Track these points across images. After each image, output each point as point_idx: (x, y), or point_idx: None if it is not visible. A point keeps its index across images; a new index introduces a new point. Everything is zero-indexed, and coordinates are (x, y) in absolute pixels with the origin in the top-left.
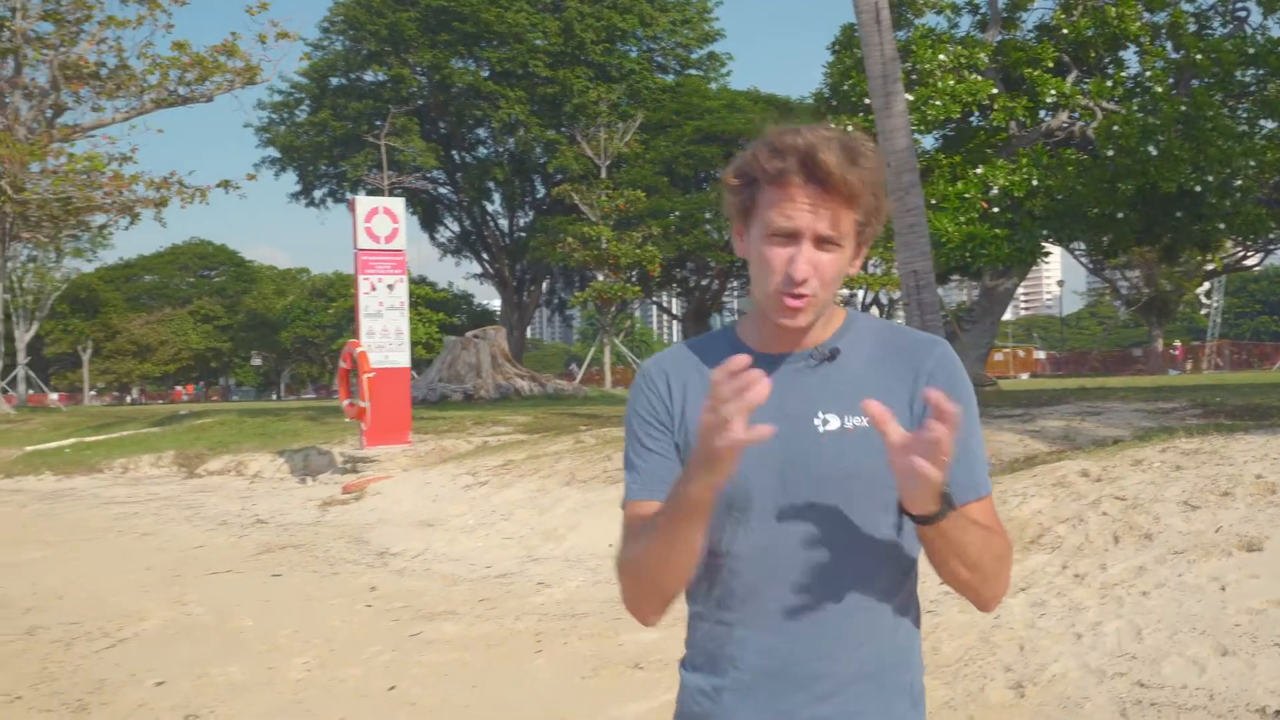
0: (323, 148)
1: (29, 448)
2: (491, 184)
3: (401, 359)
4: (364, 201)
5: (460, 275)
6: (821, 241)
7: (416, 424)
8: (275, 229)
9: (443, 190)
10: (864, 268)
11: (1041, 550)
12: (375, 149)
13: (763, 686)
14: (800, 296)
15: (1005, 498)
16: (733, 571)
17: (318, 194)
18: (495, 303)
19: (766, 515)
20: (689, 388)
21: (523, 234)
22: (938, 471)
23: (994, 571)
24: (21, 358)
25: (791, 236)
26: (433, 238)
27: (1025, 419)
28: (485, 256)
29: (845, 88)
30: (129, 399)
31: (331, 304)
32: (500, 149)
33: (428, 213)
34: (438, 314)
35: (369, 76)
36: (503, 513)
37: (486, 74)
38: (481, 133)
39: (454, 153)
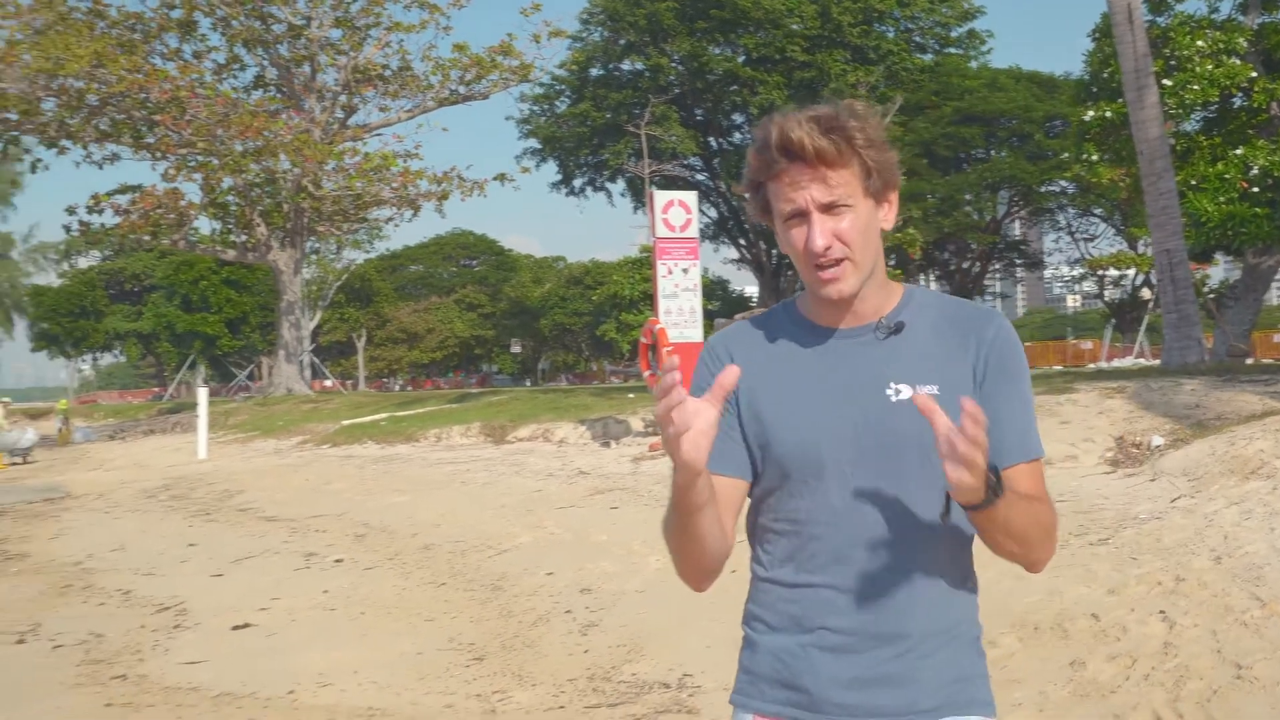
0: (583, 138)
1: (345, 421)
2: None
3: (695, 334)
4: (661, 195)
5: (716, 261)
6: (828, 208)
7: None
8: (528, 217)
9: (700, 176)
10: (1134, 247)
11: (1258, 478)
12: (634, 137)
13: (851, 644)
14: (832, 265)
15: (1234, 440)
16: (813, 536)
17: (577, 183)
18: (751, 289)
19: (841, 482)
20: (748, 358)
21: None
22: (965, 474)
23: (1039, 541)
24: (307, 344)
25: (801, 215)
26: None
27: (1269, 384)
28: (742, 242)
29: (1104, 75)
30: (396, 386)
31: (592, 292)
32: None
33: None
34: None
35: (627, 66)
36: None
37: (743, 60)
38: (738, 118)
39: (711, 139)
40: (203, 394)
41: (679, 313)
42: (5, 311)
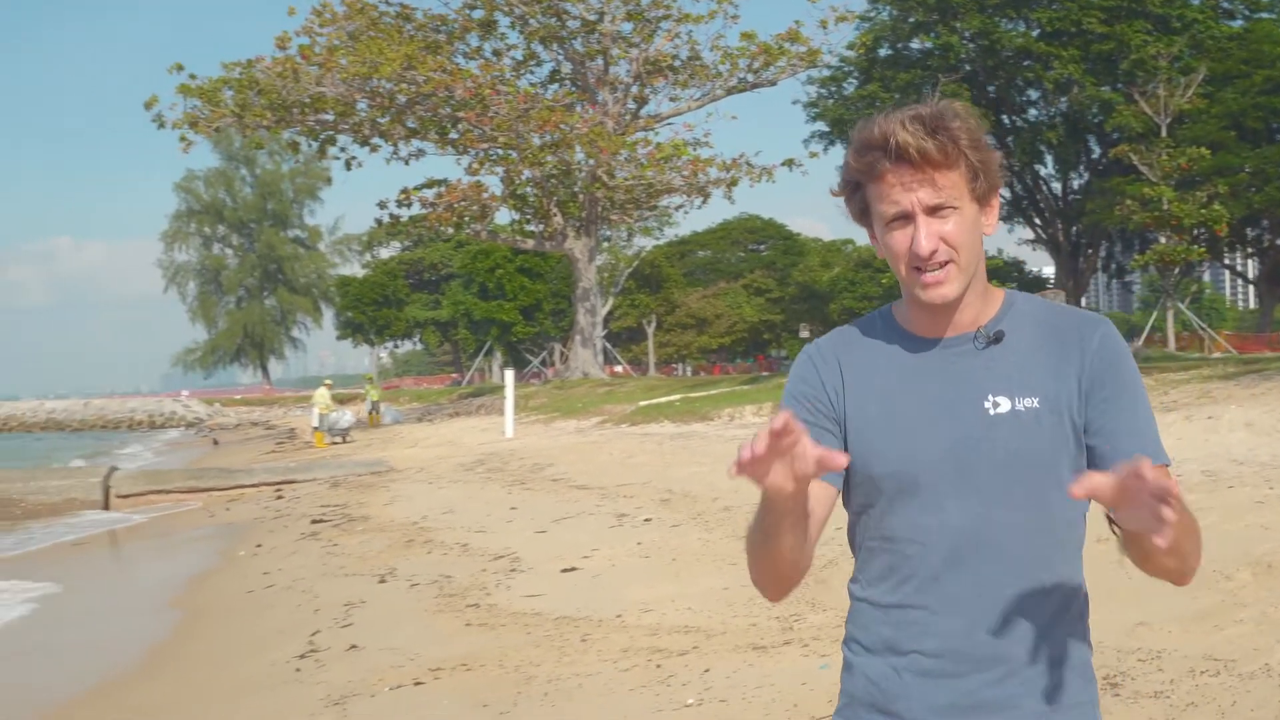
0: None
1: (641, 402)
2: (1043, 147)
3: None
4: None
5: (1011, 242)
6: (934, 210)
7: None
8: (816, 199)
9: None
10: None
11: None
12: None
13: (946, 668)
14: (938, 268)
15: None
16: (909, 556)
17: None
18: (1048, 269)
19: (940, 499)
20: (848, 367)
21: (1077, 197)
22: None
23: (1193, 552)
24: (599, 330)
25: (905, 218)
26: None
27: None
28: (1037, 222)
29: None
30: (687, 371)
31: (881, 275)
32: (1052, 110)
33: None
34: (990, 282)
35: (916, 45)
36: None
37: (1037, 34)
38: (1033, 94)
39: (1004, 116)
40: (509, 376)
41: None
42: (313, 301)
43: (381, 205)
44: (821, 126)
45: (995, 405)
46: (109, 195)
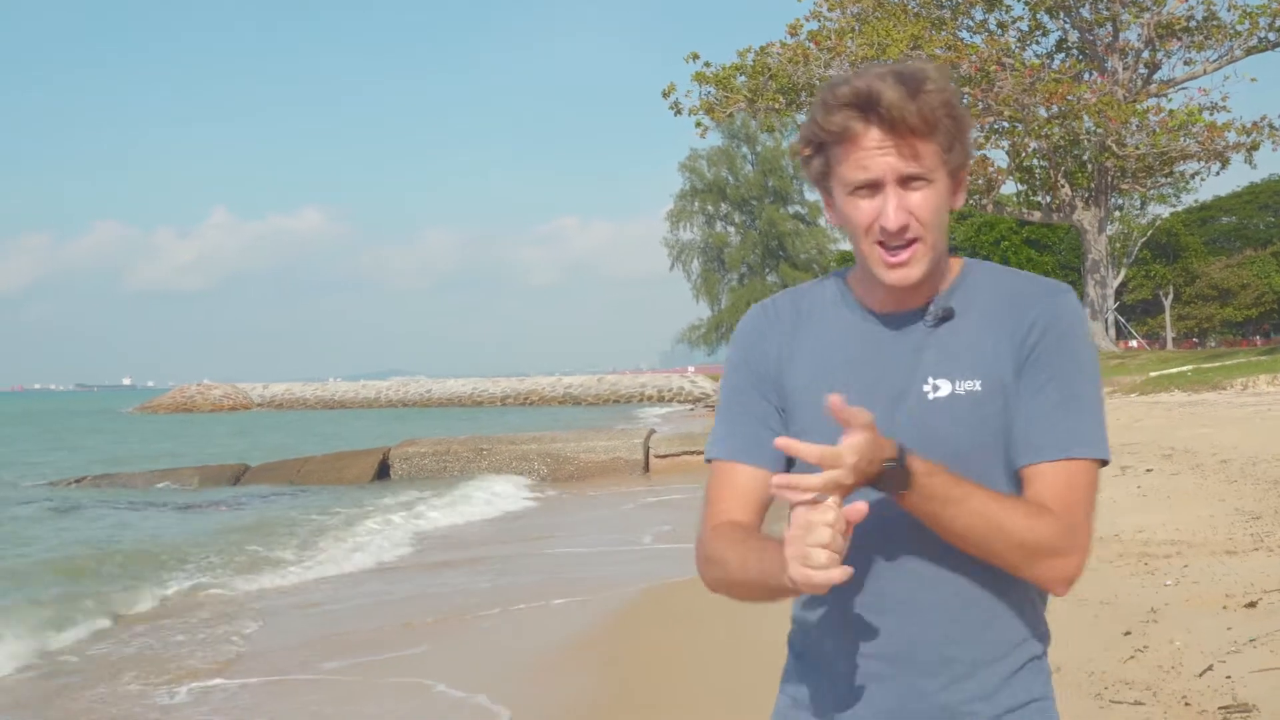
0: None
1: (1152, 373)
2: None
3: None
4: None
5: None
6: (907, 181)
7: None
8: None
9: None
10: None
11: None
12: None
13: (892, 673)
14: (905, 246)
15: None
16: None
17: None
18: None
19: (875, 492)
20: (796, 336)
21: None
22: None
23: (1004, 553)
24: (1110, 303)
25: (874, 186)
26: None
27: None
28: None
29: None
30: (1209, 344)
31: None
32: None
33: None
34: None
35: None
36: None
37: None
38: None
39: None
40: None
41: None
42: (814, 276)
43: None
44: None
45: (935, 389)
46: (612, 176)
